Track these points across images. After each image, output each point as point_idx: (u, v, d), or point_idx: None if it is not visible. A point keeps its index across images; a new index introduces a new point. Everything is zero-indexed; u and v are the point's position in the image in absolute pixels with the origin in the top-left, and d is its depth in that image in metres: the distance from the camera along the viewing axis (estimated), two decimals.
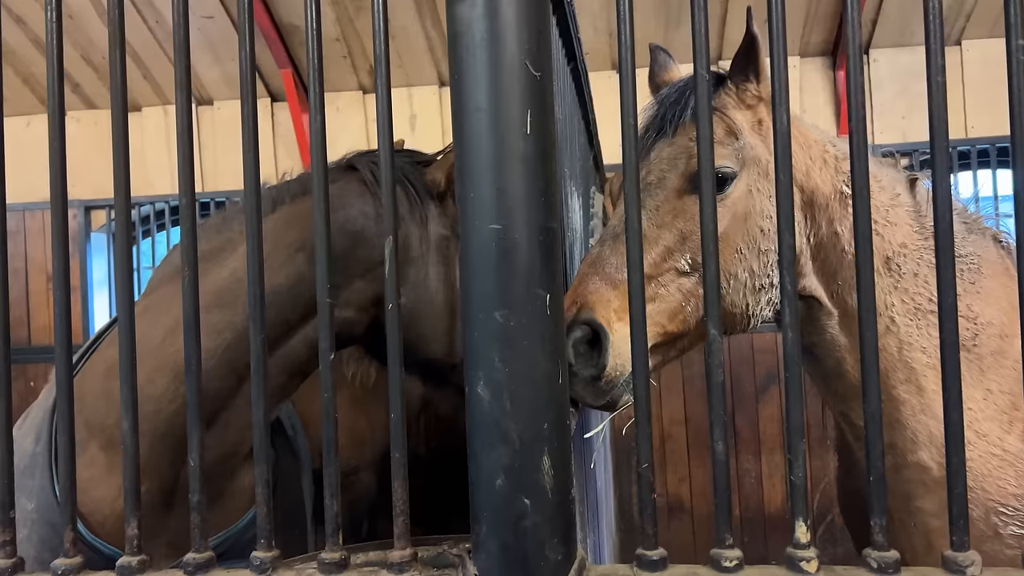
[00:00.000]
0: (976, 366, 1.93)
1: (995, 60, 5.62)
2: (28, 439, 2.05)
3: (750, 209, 1.84)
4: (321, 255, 1.11)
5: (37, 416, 2.11)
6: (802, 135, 2.01)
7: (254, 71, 1.14)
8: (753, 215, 1.84)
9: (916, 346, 1.96)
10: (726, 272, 1.82)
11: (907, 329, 1.97)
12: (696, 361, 5.78)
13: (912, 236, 2.00)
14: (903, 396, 1.98)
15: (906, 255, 1.98)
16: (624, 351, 1.64)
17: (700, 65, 1.06)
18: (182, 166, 1.14)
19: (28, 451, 2.02)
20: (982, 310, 1.96)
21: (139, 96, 6.27)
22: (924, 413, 1.96)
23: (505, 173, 1.00)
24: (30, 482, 1.98)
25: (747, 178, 1.85)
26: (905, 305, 1.97)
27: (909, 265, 1.97)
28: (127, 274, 1.15)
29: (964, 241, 2.02)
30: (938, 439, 1.93)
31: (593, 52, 5.73)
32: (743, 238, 1.82)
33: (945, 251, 1.00)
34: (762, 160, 1.87)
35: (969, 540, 1.00)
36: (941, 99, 1.00)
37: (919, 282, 1.97)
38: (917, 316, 1.97)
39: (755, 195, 1.85)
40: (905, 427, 1.98)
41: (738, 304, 1.84)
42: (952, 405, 1.01)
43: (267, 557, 1.09)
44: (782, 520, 5.59)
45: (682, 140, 1.85)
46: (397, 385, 1.08)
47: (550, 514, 1.01)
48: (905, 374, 1.97)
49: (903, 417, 1.98)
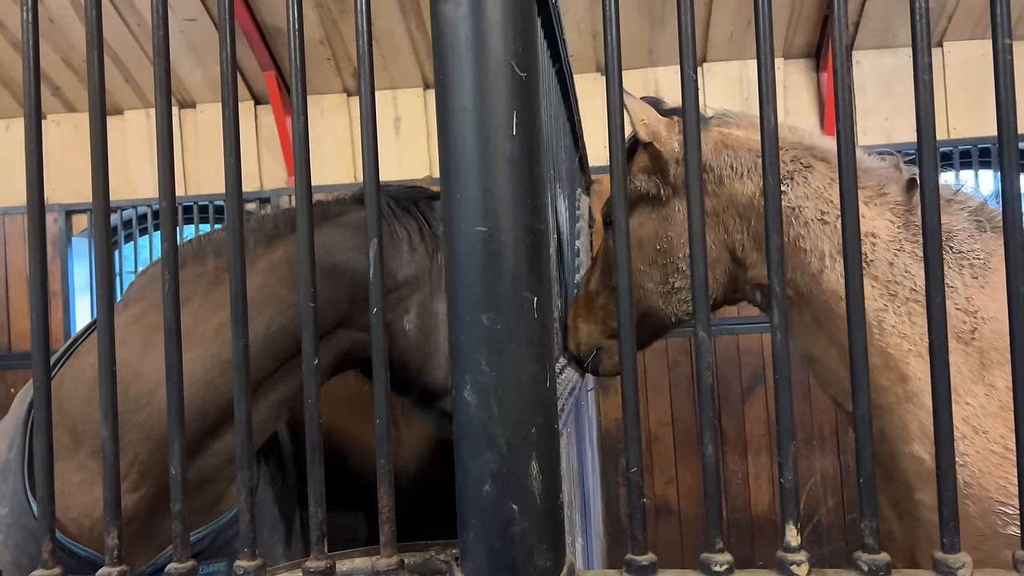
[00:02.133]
0: (976, 360, 1.93)
1: (977, 61, 5.67)
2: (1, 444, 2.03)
3: (643, 236, 2.29)
4: (304, 260, 1.09)
5: (9, 422, 2.09)
6: (725, 142, 2.21)
7: (235, 73, 1.12)
8: (646, 239, 2.28)
9: (893, 331, 1.98)
10: (636, 287, 2.27)
11: (878, 314, 2.00)
12: (683, 363, 5.79)
13: (887, 228, 2.04)
14: (882, 382, 1.99)
15: (875, 244, 2.03)
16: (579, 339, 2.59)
17: (687, 66, 1.05)
18: (162, 169, 1.12)
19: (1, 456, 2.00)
20: (985, 304, 1.96)
21: (121, 99, 6.21)
22: (911, 402, 1.97)
23: (491, 174, 0.98)
24: (3, 487, 1.95)
25: (639, 214, 2.30)
26: (875, 290, 2.01)
27: (879, 254, 2.02)
28: (107, 279, 1.13)
29: (972, 238, 2.03)
30: (929, 430, 1.93)
31: (578, 54, 5.74)
32: (641, 258, 2.29)
33: (933, 251, 0.99)
34: (651, 192, 2.28)
35: (960, 542, 0.99)
36: (928, 97, 1.00)
37: (895, 271, 2.01)
38: (893, 302, 1.99)
39: (646, 223, 2.29)
40: (891, 414, 1.99)
41: (653, 307, 2.34)
42: (941, 406, 1.01)
43: (250, 566, 1.07)
44: (769, 521, 5.61)
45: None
46: (383, 390, 1.06)
47: (539, 520, 0.99)
48: (881, 359, 1.99)
49: (887, 404, 2.00)
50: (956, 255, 2.00)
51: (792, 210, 2.08)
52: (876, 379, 1.99)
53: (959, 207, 2.08)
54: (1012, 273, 0.99)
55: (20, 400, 2.15)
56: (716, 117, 2.29)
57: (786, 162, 2.11)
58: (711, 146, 2.19)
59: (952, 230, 2.02)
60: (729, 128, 2.24)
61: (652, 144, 2.24)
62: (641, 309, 2.35)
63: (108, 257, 1.14)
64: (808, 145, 2.16)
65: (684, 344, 5.71)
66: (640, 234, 2.30)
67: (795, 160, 2.12)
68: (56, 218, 6.07)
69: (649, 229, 2.28)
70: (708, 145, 2.19)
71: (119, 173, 6.25)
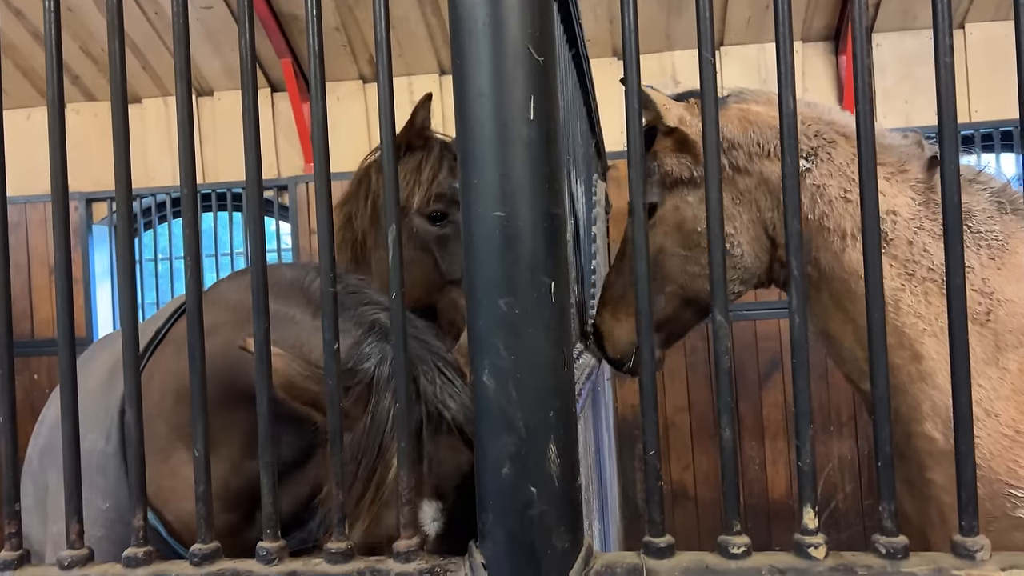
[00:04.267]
0: (991, 342, 1.92)
1: (999, 43, 5.58)
2: (92, 435, 1.89)
3: (681, 220, 2.26)
4: (324, 238, 1.10)
5: (96, 410, 1.93)
6: (748, 118, 2.18)
7: (254, 61, 1.13)
8: (686, 222, 2.26)
9: (909, 311, 1.97)
10: (679, 272, 2.28)
11: (895, 293, 1.99)
12: (700, 348, 5.78)
13: (908, 206, 2.02)
14: (896, 361, 1.99)
15: (895, 222, 2.02)
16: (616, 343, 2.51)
17: (705, 49, 1.05)
18: (183, 157, 1.13)
19: (98, 448, 1.89)
20: (1001, 286, 1.94)
21: (139, 88, 6.25)
22: (924, 382, 1.97)
23: (508, 159, 0.98)
24: (99, 480, 1.86)
25: (673, 199, 2.27)
26: (894, 269, 2.00)
27: (900, 232, 2.01)
28: (129, 266, 1.14)
29: (991, 218, 2.01)
30: (942, 410, 1.93)
31: (594, 39, 5.70)
32: (681, 243, 2.26)
33: (953, 231, 0.99)
34: (684, 176, 2.25)
35: (978, 525, 0.99)
36: (949, 79, 0.99)
37: (914, 250, 2.00)
38: (910, 282, 1.99)
39: (682, 207, 2.26)
40: (905, 393, 1.99)
41: (699, 291, 2.27)
42: (960, 387, 1.01)
43: (273, 547, 1.09)
44: (786, 506, 5.60)
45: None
46: (403, 377, 1.08)
47: (556, 502, 1.00)
48: (896, 339, 1.99)
49: (901, 383, 2.00)
50: (975, 235, 1.99)
51: (817, 188, 2.06)
52: (890, 358, 1.98)
53: (980, 187, 2.07)
54: None
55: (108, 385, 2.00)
56: (733, 95, 2.27)
57: (809, 137, 2.09)
58: (735, 123, 2.16)
59: (972, 210, 2.01)
60: (748, 104, 2.22)
61: (679, 129, 2.22)
62: (687, 295, 2.32)
63: (129, 244, 1.15)
64: (828, 120, 2.14)
65: (701, 330, 5.68)
66: (678, 219, 2.27)
67: (818, 135, 2.10)
68: (76, 206, 6.13)
69: (688, 212, 2.26)
70: (732, 123, 2.16)
71: (137, 161, 6.28)
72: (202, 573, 1.08)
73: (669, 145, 2.28)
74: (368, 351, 1.54)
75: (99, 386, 2.03)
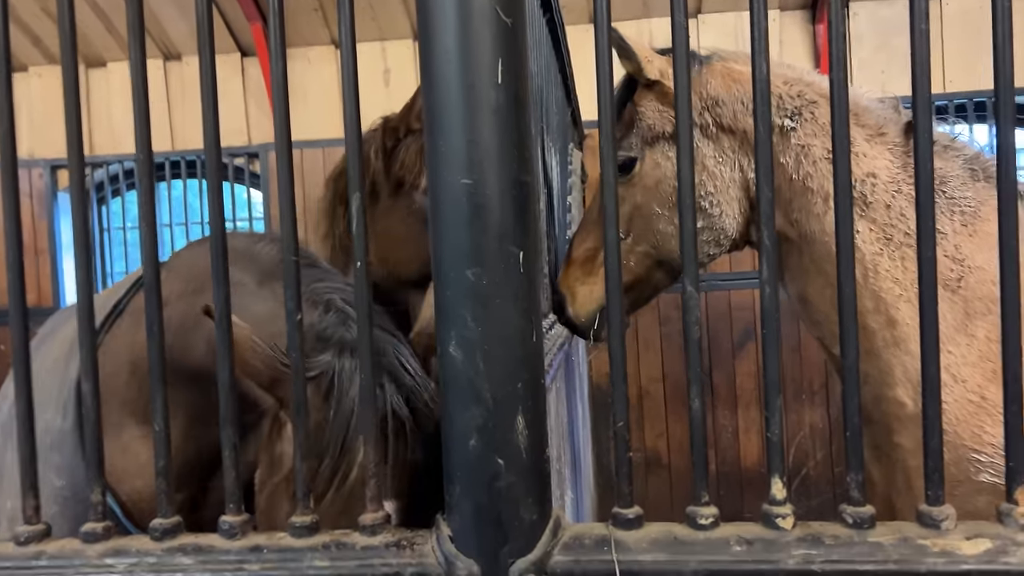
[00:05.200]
0: (960, 308, 1.93)
1: (975, 15, 5.58)
2: (50, 412, 1.84)
3: (660, 177, 2.19)
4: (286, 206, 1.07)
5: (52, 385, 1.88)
6: (732, 76, 2.14)
7: (211, 19, 1.08)
8: (664, 180, 2.18)
9: (886, 276, 1.98)
10: (653, 231, 2.20)
11: (874, 257, 1.99)
12: (674, 318, 5.81)
13: (887, 168, 2.01)
14: (871, 326, 2.00)
15: (875, 184, 2.01)
16: (579, 304, 2.34)
17: (678, 12, 1.02)
18: (138, 119, 1.09)
19: (55, 426, 1.83)
20: (972, 253, 1.95)
21: (104, 51, 6.08)
22: (897, 347, 1.98)
23: (476, 124, 0.96)
24: (55, 458, 1.80)
25: (653, 154, 2.20)
26: (873, 233, 1.99)
27: (878, 195, 2.00)
28: (85, 237, 1.10)
29: (964, 185, 2.01)
30: (913, 375, 1.95)
31: (570, 5, 5.62)
32: (658, 201, 2.19)
33: (925, 202, 0.98)
34: (667, 131, 2.18)
35: (944, 494, 1.00)
36: (924, 46, 0.97)
37: (892, 213, 1.99)
38: (888, 246, 1.98)
39: (663, 163, 2.19)
40: (878, 358, 2.00)
41: (672, 251, 2.21)
42: (929, 357, 1.00)
43: (236, 521, 1.07)
44: (758, 474, 5.68)
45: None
46: (366, 353, 1.05)
47: (524, 474, 0.99)
48: (873, 303, 1.99)
49: (875, 347, 2.00)
50: (948, 200, 1.99)
51: (802, 148, 2.04)
52: (866, 322, 1.99)
53: (955, 154, 2.07)
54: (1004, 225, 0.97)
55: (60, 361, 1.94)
56: (716, 55, 2.23)
57: (792, 96, 2.07)
58: (719, 80, 2.12)
59: (946, 176, 2.00)
60: (730, 63, 2.19)
61: (660, 82, 2.17)
62: (658, 255, 2.24)
63: (84, 213, 1.11)
64: (809, 81, 2.12)
65: (675, 299, 5.71)
66: (657, 175, 2.20)
67: (801, 96, 2.07)
68: (41, 173, 5.99)
69: (668, 169, 2.18)
70: (716, 79, 2.13)
71: (103, 127, 6.15)
72: (163, 548, 1.06)
73: (651, 98, 2.22)
74: (327, 335, 1.48)
75: (56, 361, 1.97)
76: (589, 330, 2.37)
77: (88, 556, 1.05)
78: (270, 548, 1.04)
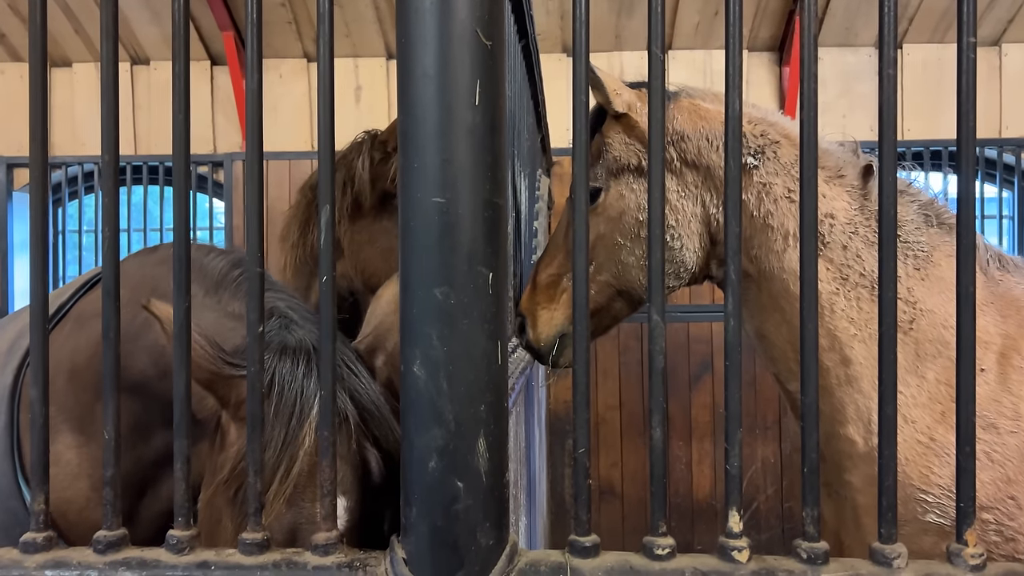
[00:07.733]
0: (912, 350, 1.98)
1: (934, 66, 5.78)
2: None
3: (624, 208, 2.21)
4: (253, 216, 1.05)
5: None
6: (699, 113, 2.18)
7: (187, 25, 1.07)
8: (628, 211, 2.21)
9: (842, 315, 2.02)
10: (615, 261, 2.22)
11: (830, 297, 2.02)
12: (632, 348, 5.84)
13: (844, 210, 2.06)
14: (826, 364, 2.03)
15: (832, 225, 2.05)
16: (540, 329, 2.35)
17: (655, 46, 1.04)
18: (106, 121, 1.07)
19: None
20: (924, 297, 2.00)
21: (70, 51, 5.98)
22: (850, 385, 2.01)
23: (451, 144, 0.95)
24: None
25: (618, 185, 2.23)
26: (830, 273, 2.03)
27: (836, 236, 2.04)
28: (42, 237, 1.07)
29: (919, 231, 2.07)
30: (865, 414, 1.99)
31: (544, 34, 5.69)
32: (621, 232, 2.21)
33: (888, 244, 1.00)
34: (632, 163, 2.21)
35: (896, 533, 1.01)
36: (891, 91, 1.00)
37: (848, 254, 2.03)
38: (844, 286, 2.03)
39: (627, 195, 2.22)
40: (831, 395, 2.03)
41: (632, 282, 2.24)
42: (887, 399, 1.02)
43: (184, 536, 1.04)
44: (710, 506, 5.71)
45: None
46: (329, 366, 1.04)
47: (483, 498, 0.98)
48: (828, 341, 2.03)
49: (828, 385, 2.03)
50: (903, 244, 2.04)
51: (764, 186, 2.08)
52: (820, 360, 2.01)
53: (910, 199, 2.13)
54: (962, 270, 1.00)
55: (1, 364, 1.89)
56: (683, 91, 2.27)
57: (756, 136, 2.11)
58: (686, 116, 2.16)
59: (901, 220, 2.06)
60: (697, 100, 2.23)
61: (627, 115, 2.21)
62: (619, 285, 2.26)
63: (44, 214, 1.08)
64: (772, 122, 2.17)
65: (635, 329, 5.75)
66: (621, 206, 2.22)
67: (764, 135, 2.12)
68: None
69: (632, 200, 2.21)
70: (683, 115, 2.16)
71: (65, 127, 6.03)
72: (106, 561, 1.02)
73: (618, 130, 2.25)
74: (268, 338, 1.46)
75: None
76: (548, 355, 2.38)
77: (26, 567, 1.01)
78: (218, 565, 1.01)
